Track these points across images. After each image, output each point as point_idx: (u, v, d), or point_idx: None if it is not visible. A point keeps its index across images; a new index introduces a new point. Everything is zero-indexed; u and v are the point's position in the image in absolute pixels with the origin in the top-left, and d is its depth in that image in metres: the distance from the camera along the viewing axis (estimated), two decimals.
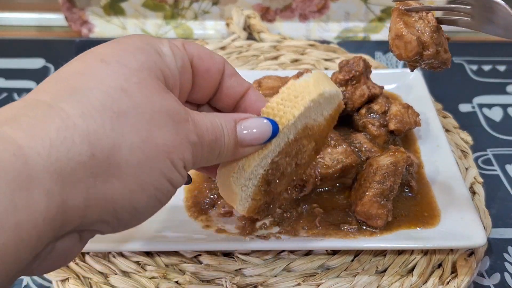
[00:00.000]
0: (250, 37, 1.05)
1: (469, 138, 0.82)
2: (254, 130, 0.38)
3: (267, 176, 0.43)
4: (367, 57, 0.96)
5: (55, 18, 1.11)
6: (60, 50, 1.06)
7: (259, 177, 0.42)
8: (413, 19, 0.47)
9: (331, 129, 0.49)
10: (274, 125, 0.39)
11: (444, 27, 0.53)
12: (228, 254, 0.64)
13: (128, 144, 0.30)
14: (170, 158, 0.32)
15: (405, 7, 0.48)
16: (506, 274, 0.65)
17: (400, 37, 0.46)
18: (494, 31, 0.45)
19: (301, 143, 0.43)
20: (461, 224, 0.64)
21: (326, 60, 0.98)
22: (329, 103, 0.43)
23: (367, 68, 0.78)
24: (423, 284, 0.62)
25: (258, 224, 0.65)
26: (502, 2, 0.43)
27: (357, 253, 0.65)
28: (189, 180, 0.43)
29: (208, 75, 0.39)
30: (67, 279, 0.60)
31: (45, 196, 0.26)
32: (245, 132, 0.38)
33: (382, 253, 0.65)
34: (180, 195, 0.68)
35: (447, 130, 0.83)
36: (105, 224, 0.32)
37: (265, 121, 0.39)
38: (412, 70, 0.52)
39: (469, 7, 0.45)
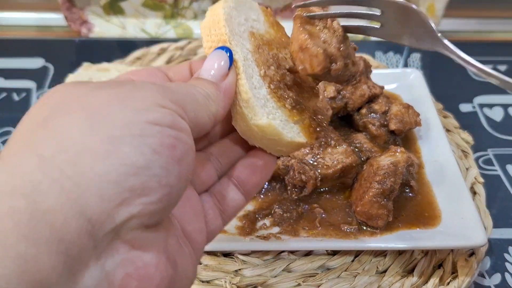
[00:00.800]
0: None
1: (469, 138, 0.82)
2: (213, 64, 0.38)
3: (275, 90, 0.41)
4: (367, 56, 0.96)
5: (54, 18, 1.10)
6: (59, 50, 1.06)
7: (269, 95, 0.41)
8: (317, 28, 0.42)
9: (285, 35, 0.47)
10: (221, 48, 0.38)
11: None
12: (228, 255, 0.64)
13: None
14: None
15: (308, 14, 0.42)
16: (507, 275, 0.65)
17: (305, 50, 0.40)
18: (407, 40, 0.41)
19: (269, 50, 0.43)
20: (462, 224, 0.63)
21: None
22: (249, 9, 0.45)
23: (368, 68, 0.77)
24: (424, 285, 0.62)
25: (258, 224, 0.65)
26: (417, 8, 0.39)
27: (357, 253, 0.65)
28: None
29: None
30: None
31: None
32: (211, 72, 0.38)
33: (382, 253, 0.65)
34: None
35: (447, 130, 0.83)
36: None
37: (213, 52, 0.39)
38: (316, 84, 0.46)
39: (379, 13, 0.41)
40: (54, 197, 0.25)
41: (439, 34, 0.39)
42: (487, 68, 0.38)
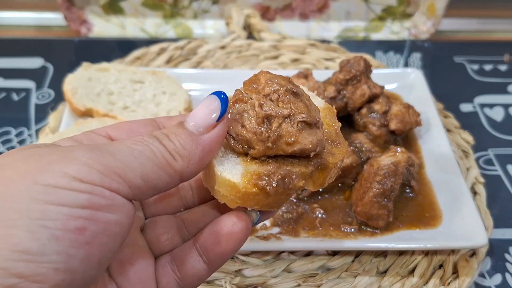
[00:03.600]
0: (250, 36, 1.04)
1: (470, 138, 0.82)
2: (200, 112, 0.34)
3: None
4: (367, 56, 0.96)
5: (54, 18, 1.10)
6: (59, 49, 1.05)
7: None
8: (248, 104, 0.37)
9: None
10: (217, 94, 0.35)
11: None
12: None
13: None
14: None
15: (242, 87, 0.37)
16: (507, 275, 0.65)
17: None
18: None
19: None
20: (462, 224, 0.63)
21: (326, 59, 0.98)
22: None
23: (368, 68, 0.77)
24: (424, 285, 0.61)
25: (258, 224, 0.65)
26: None
27: (357, 253, 0.64)
28: None
29: None
30: None
31: None
32: (196, 121, 0.34)
33: (382, 253, 0.65)
34: None
35: (448, 130, 0.83)
36: None
37: (206, 97, 0.34)
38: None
39: None
40: None
41: None
42: None
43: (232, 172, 0.35)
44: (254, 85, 0.38)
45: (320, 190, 0.69)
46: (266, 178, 0.35)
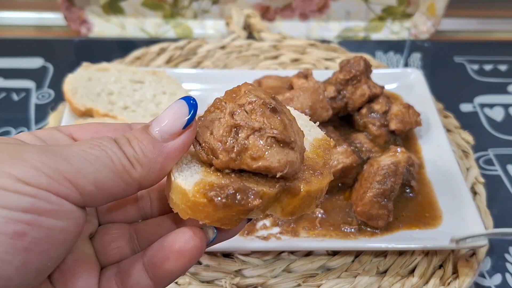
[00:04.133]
0: (250, 36, 1.04)
1: (470, 138, 0.82)
2: (165, 118, 0.32)
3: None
4: (367, 56, 0.96)
5: (54, 18, 1.10)
6: (59, 49, 1.05)
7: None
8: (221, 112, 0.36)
9: None
10: (186, 99, 0.33)
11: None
12: (228, 255, 0.64)
13: None
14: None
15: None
16: (507, 275, 0.65)
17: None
18: None
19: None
20: (462, 224, 0.63)
21: (326, 59, 0.98)
22: None
23: (368, 68, 0.77)
24: (424, 285, 0.61)
25: (258, 224, 0.65)
26: None
27: (357, 253, 0.64)
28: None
29: None
30: None
31: None
32: (161, 126, 0.32)
33: (382, 253, 0.64)
34: None
35: (448, 130, 0.83)
36: None
37: (175, 102, 0.33)
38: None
39: None
40: None
41: None
42: None
43: (187, 179, 0.33)
44: (234, 94, 0.36)
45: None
46: (218, 189, 0.32)
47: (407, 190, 0.69)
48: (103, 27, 1.08)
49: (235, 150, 0.33)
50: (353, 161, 0.67)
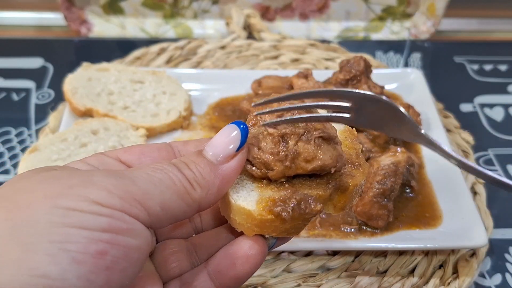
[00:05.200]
0: (250, 36, 1.04)
1: (470, 138, 0.82)
2: (220, 142, 0.34)
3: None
4: (367, 56, 0.96)
5: (54, 18, 1.10)
6: (59, 49, 1.05)
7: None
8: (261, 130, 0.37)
9: None
10: (237, 124, 0.34)
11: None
12: None
13: None
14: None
15: (257, 113, 0.37)
16: (507, 275, 0.65)
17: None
18: (386, 131, 0.38)
19: None
20: (462, 224, 0.63)
21: (326, 59, 0.98)
22: None
23: (368, 68, 0.77)
24: (424, 285, 0.61)
25: None
26: (393, 104, 0.35)
27: (357, 253, 0.64)
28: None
29: None
30: None
31: None
32: (215, 151, 0.34)
33: (382, 253, 0.64)
34: None
35: (448, 130, 0.83)
36: None
37: (226, 127, 0.34)
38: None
39: (348, 105, 0.36)
40: None
41: (422, 131, 0.37)
42: (467, 161, 0.36)
43: (247, 199, 0.35)
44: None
45: None
46: (282, 204, 0.34)
47: (407, 190, 0.69)
48: (103, 27, 1.08)
49: (288, 158, 0.35)
50: None
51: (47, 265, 0.25)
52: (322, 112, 0.38)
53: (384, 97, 0.35)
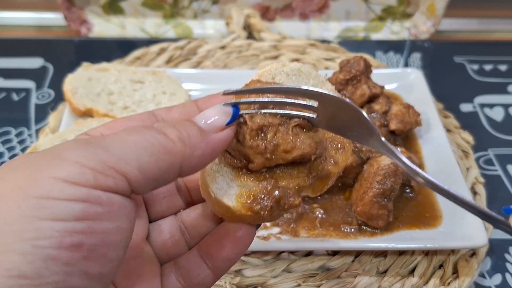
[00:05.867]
0: (250, 36, 1.04)
1: (470, 138, 0.82)
2: (212, 115, 0.33)
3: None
4: (367, 56, 0.96)
5: (54, 18, 1.10)
6: (59, 49, 1.05)
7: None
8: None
9: None
10: (230, 104, 0.34)
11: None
12: None
13: None
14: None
15: (236, 101, 0.35)
16: (507, 275, 0.65)
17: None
18: (350, 136, 0.36)
19: None
20: (462, 224, 0.63)
21: (326, 59, 0.98)
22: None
23: (368, 68, 0.77)
24: (424, 285, 0.61)
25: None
26: (353, 105, 0.33)
27: (357, 253, 0.64)
28: None
29: None
30: None
31: None
32: (207, 121, 0.33)
33: (382, 253, 0.64)
34: None
35: (448, 130, 0.83)
36: None
37: (218, 105, 0.34)
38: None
39: (315, 105, 0.35)
40: None
41: (382, 139, 0.35)
42: (416, 168, 0.36)
43: (227, 193, 0.35)
44: None
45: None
46: (260, 201, 0.34)
47: (407, 190, 0.69)
48: (103, 27, 1.08)
49: (268, 151, 0.34)
50: (353, 161, 0.67)
51: (22, 265, 0.24)
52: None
53: (347, 100, 0.34)
